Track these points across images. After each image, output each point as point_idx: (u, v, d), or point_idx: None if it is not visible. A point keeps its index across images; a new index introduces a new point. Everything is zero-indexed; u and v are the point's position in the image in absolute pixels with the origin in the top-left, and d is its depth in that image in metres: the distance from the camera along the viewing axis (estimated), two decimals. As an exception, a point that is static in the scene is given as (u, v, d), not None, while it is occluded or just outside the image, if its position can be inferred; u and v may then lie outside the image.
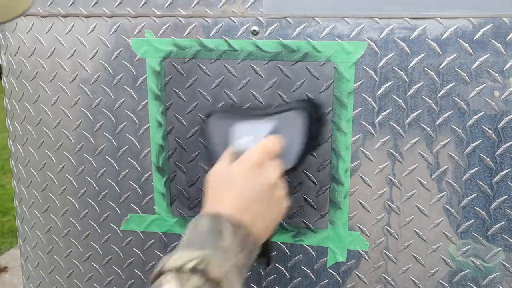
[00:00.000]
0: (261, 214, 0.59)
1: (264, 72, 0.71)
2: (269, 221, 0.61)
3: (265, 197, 0.60)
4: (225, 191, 0.60)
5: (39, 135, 0.86)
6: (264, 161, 0.61)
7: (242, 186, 0.59)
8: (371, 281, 0.74)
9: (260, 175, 0.60)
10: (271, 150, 0.63)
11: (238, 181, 0.60)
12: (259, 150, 0.62)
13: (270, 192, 0.60)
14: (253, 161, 0.60)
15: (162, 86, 0.76)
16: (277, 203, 0.62)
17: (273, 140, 0.64)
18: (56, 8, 0.79)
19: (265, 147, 0.62)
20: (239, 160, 0.61)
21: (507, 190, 0.67)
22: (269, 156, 0.62)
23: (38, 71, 0.83)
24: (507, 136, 0.66)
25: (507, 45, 0.63)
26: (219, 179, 0.62)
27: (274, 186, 0.61)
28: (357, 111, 0.69)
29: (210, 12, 0.72)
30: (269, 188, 0.60)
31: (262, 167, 0.60)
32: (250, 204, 0.59)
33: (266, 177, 0.60)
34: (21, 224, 0.94)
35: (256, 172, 0.60)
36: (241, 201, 0.59)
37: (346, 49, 0.68)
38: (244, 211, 0.58)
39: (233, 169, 0.61)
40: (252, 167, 0.60)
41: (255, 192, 0.59)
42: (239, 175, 0.60)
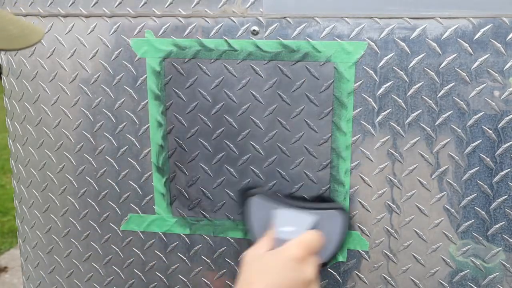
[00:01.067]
0: None
1: (264, 72, 0.71)
2: None
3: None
4: (261, 276, 0.59)
5: (39, 135, 0.86)
6: (306, 257, 0.61)
7: (279, 277, 0.59)
8: (371, 281, 0.74)
9: (300, 270, 0.60)
10: (313, 245, 0.63)
11: (276, 270, 0.60)
12: (301, 245, 0.62)
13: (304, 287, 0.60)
14: (295, 255, 0.60)
15: (162, 86, 0.76)
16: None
17: (316, 236, 0.64)
18: (56, 8, 0.79)
19: (308, 242, 0.63)
20: (281, 250, 0.61)
21: (507, 190, 0.67)
22: (310, 251, 0.62)
23: (38, 71, 0.83)
24: (507, 136, 0.66)
25: (507, 45, 0.63)
26: (255, 263, 0.62)
27: (309, 283, 0.61)
28: (357, 111, 0.69)
29: (210, 12, 0.72)
30: (304, 284, 0.60)
31: (302, 262, 0.60)
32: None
33: (305, 273, 0.60)
34: (21, 224, 0.94)
35: (296, 266, 0.60)
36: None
37: (346, 49, 0.68)
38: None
39: (272, 257, 0.61)
40: (293, 260, 0.60)
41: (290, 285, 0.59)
42: (277, 265, 0.60)
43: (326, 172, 0.72)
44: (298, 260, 0.60)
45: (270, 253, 0.62)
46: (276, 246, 0.63)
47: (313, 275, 0.61)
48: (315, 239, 0.64)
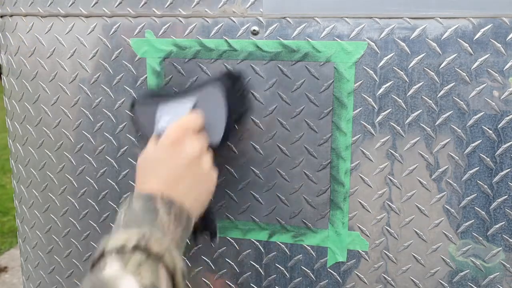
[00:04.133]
0: (189, 189, 0.62)
1: (264, 72, 0.71)
2: (199, 194, 0.63)
3: (190, 172, 0.62)
4: (152, 171, 0.62)
5: (39, 135, 0.86)
6: (182, 137, 0.63)
7: (166, 165, 0.62)
8: (371, 281, 0.74)
9: (180, 150, 0.62)
10: (188, 125, 0.64)
11: (162, 160, 0.62)
12: (175, 128, 0.63)
13: (194, 167, 0.62)
14: (171, 139, 0.63)
15: (162, 86, 0.76)
16: (203, 175, 0.64)
17: (191, 116, 0.65)
18: (56, 8, 0.79)
19: (182, 123, 0.64)
20: (160, 141, 0.63)
21: (507, 190, 0.67)
22: (187, 131, 0.63)
23: (38, 71, 0.83)
24: (507, 136, 0.66)
25: (507, 45, 0.63)
26: (146, 162, 0.64)
27: (197, 160, 0.63)
28: (357, 111, 0.69)
29: (210, 12, 0.72)
30: (192, 162, 0.62)
31: (181, 143, 0.62)
32: (177, 180, 0.61)
33: (187, 153, 0.62)
34: (21, 224, 0.94)
35: (176, 149, 0.62)
36: (168, 179, 0.61)
37: (346, 49, 0.68)
38: (172, 188, 0.60)
39: (156, 150, 0.63)
40: (172, 145, 0.62)
41: (179, 168, 0.61)
42: (161, 155, 0.62)
43: (326, 172, 0.72)
44: (176, 143, 0.62)
45: (154, 148, 0.64)
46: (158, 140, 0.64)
47: (199, 152, 0.63)
48: (190, 118, 0.65)
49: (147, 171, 0.63)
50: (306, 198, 0.74)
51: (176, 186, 0.61)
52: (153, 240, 0.54)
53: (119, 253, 0.52)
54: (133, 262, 0.51)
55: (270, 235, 0.76)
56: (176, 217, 0.58)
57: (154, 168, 0.62)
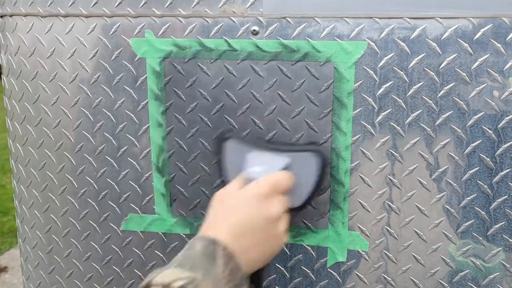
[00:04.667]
0: (255, 245, 0.59)
1: (264, 72, 0.71)
2: (262, 254, 0.61)
3: (263, 229, 0.60)
4: (226, 215, 0.60)
5: (39, 135, 0.86)
6: (271, 194, 0.61)
7: (242, 213, 0.59)
8: (371, 281, 0.74)
9: (264, 207, 0.60)
10: (280, 184, 0.63)
11: (240, 207, 0.60)
12: (268, 182, 0.62)
13: (269, 226, 0.60)
14: (259, 192, 0.60)
15: (162, 86, 0.76)
16: (275, 237, 0.61)
17: (285, 176, 0.64)
18: (56, 8, 0.79)
19: (275, 180, 0.62)
20: (246, 187, 0.62)
21: (507, 190, 0.67)
22: (277, 190, 0.62)
23: (38, 71, 0.83)
24: (507, 136, 0.66)
25: (507, 45, 0.63)
26: (222, 202, 0.62)
27: (275, 221, 0.61)
28: (357, 111, 0.69)
29: (210, 12, 0.72)
30: (270, 221, 0.60)
31: (266, 199, 0.60)
32: (247, 234, 0.58)
33: (269, 210, 0.60)
34: (21, 224, 0.94)
35: (260, 203, 0.60)
36: (238, 228, 0.58)
37: (346, 49, 0.68)
38: (238, 238, 0.57)
39: (238, 194, 0.61)
40: (258, 197, 0.60)
41: (253, 221, 0.59)
42: (242, 202, 0.60)
43: (326, 172, 0.72)
44: (262, 197, 0.60)
45: (236, 192, 0.62)
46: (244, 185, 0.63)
47: (279, 213, 0.61)
48: (283, 178, 0.63)
49: (222, 212, 0.61)
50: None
51: (244, 240, 0.58)
52: (201, 287, 0.52)
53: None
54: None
55: None
56: (231, 272, 0.56)
57: (230, 212, 0.60)
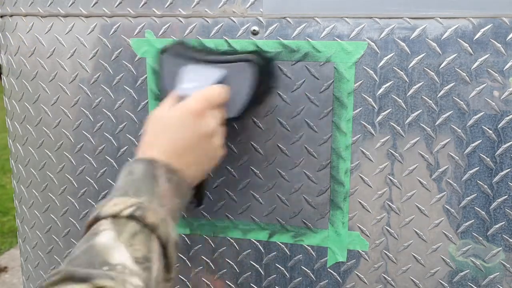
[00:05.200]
0: (194, 161, 0.61)
1: (264, 72, 0.71)
2: (202, 168, 0.63)
3: (200, 146, 0.61)
4: (161, 135, 0.61)
5: (39, 135, 0.86)
6: (204, 110, 0.61)
7: (178, 132, 0.60)
8: (371, 281, 0.74)
9: (198, 123, 0.61)
10: (213, 99, 0.63)
11: (175, 126, 0.61)
12: (200, 98, 0.62)
13: (205, 141, 0.61)
14: (192, 109, 0.61)
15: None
16: (211, 151, 0.63)
17: (217, 90, 0.64)
18: (56, 8, 0.79)
19: (207, 95, 0.62)
20: (179, 105, 0.62)
21: (507, 190, 0.67)
22: (210, 104, 0.62)
23: (38, 71, 0.83)
24: (507, 136, 0.66)
25: (507, 45, 0.63)
26: (157, 123, 0.62)
27: (210, 135, 0.62)
28: (357, 111, 0.69)
29: (210, 12, 0.72)
30: (205, 137, 0.61)
31: (200, 116, 0.61)
32: (185, 151, 0.60)
33: (203, 126, 0.61)
34: (21, 224, 0.94)
35: (193, 120, 0.61)
36: (176, 147, 0.60)
37: (346, 49, 0.68)
38: (178, 157, 0.59)
39: (171, 113, 0.61)
40: (191, 114, 0.61)
41: (190, 140, 0.60)
42: (176, 121, 0.61)
43: (326, 172, 0.72)
44: (195, 114, 0.61)
45: (170, 110, 0.62)
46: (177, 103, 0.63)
47: (214, 127, 0.62)
48: (217, 92, 0.64)
49: (157, 133, 0.61)
50: (306, 198, 0.74)
51: (183, 156, 0.60)
52: (149, 210, 0.53)
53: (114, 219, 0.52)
54: (127, 232, 0.51)
55: (270, 235, 0.76)
56: (175, 186, 0.58)
57: (165, 133, 0.61)
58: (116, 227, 0.51)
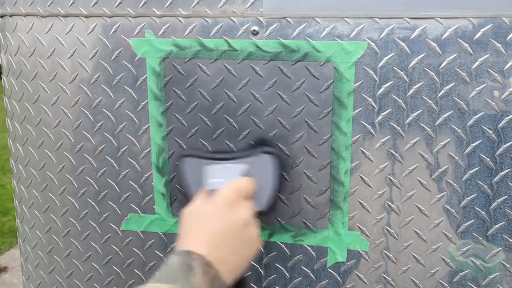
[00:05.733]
0: (232, 252, 0.60)
1: (264, 72, 0.71)
2: (240, 259, 0.61)
3: (236, 235, 0.61)
4: (197, 228, 0.61)
5: (39, 135, 0.86)
6: (236, 199, 0.62)
7: (214, 224, 0.60)
8: (371, 281, 0.74)
9: (232, 213, 0.61)
10: (243, 189, 0.64)
11: (210, 218, 0.61)
12: (231, 189, 0.63)
13: (241, 230, 0.61)
14: (225, 200, 0.62)
15: (162, 86, 0.76)
16: (248, 241, 0.62)
17: (245, 181, 0.66)
18: (56, 8, 0.79)
19: (237, 186, 0.64)
20: (211, 199, 0.63)
21: (507, 190, 0.67)
22: (241, 195, 0.63)
23: (38, 71, 0.83)
24: (507, 136, 0.66)
25: (507, 45, 0.63)
26: (192, 217, 0.63)
27: (246, 224, 0.62)
28: (357, 111, 0.69)
29: (210, 12, 0.72)
30: (241, 226, 0.61)
31: (233, 206, 0.62)
32: (221, 242, 0.59)
33: (237, 215, 0.61)
34: (21, 224, 0.94)
35: (228, 210, 0.61)
36: (212, 238, 0.59)
37: (346, 49, 0.68)
38: (214, 249, 0.58)
39: (205, 207, 0.62)
40: (224, 205, 0.61)
41: (226, 230, 0.60)
42: (211, 213, 0.61)
43: (326, 172, 0.72)
44: (230, 203, 0.62)
45: (203, 204, 0.63)
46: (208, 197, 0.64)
47: (249, 217, 0.62)
48: (245, 183, 0.65)
49: (193, 226, 0.61)
50: (306, 198, 0.74)
51: (219, 248, 0.59)
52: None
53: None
54: None
55: (270, 235, 0.76)
56: (210, 280, 0.56)
57: (201, 225, 0.61)
58: None
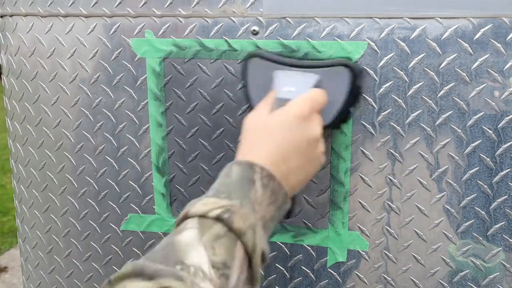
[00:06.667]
0: (296, 168, 0.57)
1: (264, 72, 0.71)
2: (303, 176, 0.59)
3: (305, 152, 0.57)
4: (263, 139, 0.57)
5: (39, 135, 0.86)
6: (310, 113, 0.58)
7: (283, 137, 0.57)
8: (371, 281, 0.74)
9: (305, 127, 0.58)
10: (318, 103, 0.60)
11: (279, 130, 0.57)
12: (306, 101, 0.59)
13: (311, 147, 0.58)
14: (299, 112, 0.58)
15: (162, 86, 0.76)
16: (315, 158, 0.59)
17: (320, 93, 0.61)
18: (56, 8, 0.79)
19: (313, 99, 0.60)
20: (283, 109, 0.59)
21: (507, 190, 0.67)
22: (316, 109, 0.60)
23: (38, 71, 0.83)
24: (507, 136, 0.66)
25: (507, 45, 0.63)
26: (257, 127, 0.59)
27: (316, 141, 0.59)
28: (357, 111, 0.69)
29: (210, 12, 0.72)
30: (312, 142, 0.58)
31: (307, 120, 0.58)
32: (288, 156, 0.56)
33: (309, 130, 0.58)
34: (21, 224, 0.94)
35: (301, 124, 0.57)
36: (279, 152, 0.56)
37: (346, 49, 0.68)
38: (280, 163, 0.55)
39: (274, 117, 0.58)
40: (298, 118, 0.58)
41: (295, 145, 0.57)
42: (281, 125, 0.57)
43: (326, 172, 0.72)
44: (303, 118, 0.58)
45: (271, 114, 0.59)
46: (277, 107, 0.60)
47: (319, 133, 0.59)
48: (320, 96, 0.61)
49: (258, 137, 0.57)
50: (306, 198, 0.74)
51: (287, 161, 0.56)
52: (238, 214, 0.49)
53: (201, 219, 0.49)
54: (211, 234, 0.48)
55: (270, 235, 0.76)
56: (272, 193, 0.53)
57: (267, 136, 0.57)
58: (200, 227, 0.48)
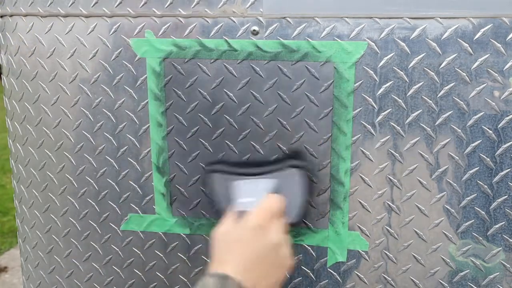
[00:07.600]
0: (266, 273, 0.62)
1: (264, 72, 0.71)
2: (274, 279, 0.63)
3: (268, 258, 0.62)
4: (231, 251, 0.62)
5: (39, 135, 0.86)
6: (267, 222, 0.63)
7: (248, 248, 0.62)
8: (371, 281, 0.74)
9: (264, 236, 0.62)
10: (274, 210, 0.65)
11: (243, 242, 0.62)
12: (261, 212, 0.64)
13: (273, 253, 0.62)
14: (256, 223, 0.63)
15: (162, 86, 0.76)
16: (281, 263, 0.64)
17: (274, 200, 0.66)
18: (56, 8, 0.79)
19: (267, 208, 0.65)
20: (243, 222, 0.64)
21: (507, 190, 0.67)
22: (271, 216, 0.64)
23: (38, 71, 0.83)
24: (507, 136, 0.66)
25: (507, 45, 0.63)
26: (225, 239, 0.64)
27: (277, 246, 0.63)
28: (357, 111, 0.69)
29: (210, 12, 0.72)
30: (273, 248, 0.62)
31: (265, 229, 0.63)
32: (255, 266, 0.61)
33: (269, 239, 0.62)
34: (21, 224, 0.94)
35: (259, 235, 0.62)
36: (246, 263, 0.61)
37: (346, 49, 0.68)
38: (249, 272, 0.60)
39: (237, 230, 0.63)
40: (255, 229, 0.62)
41: (258, 254, 0.61)
42: (244, 236, 0.62)
43: (326, 172, 0.72)
44: (260, 228, 0.62)
45: (235, 227, 0.64)
46: (240, 218, 0.65)
47: (280, 237, 0.63)
48: (274, 202, 0.66)
49: (226, 249, 0.63)
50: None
51: (253, 271, 0.60)
52: None
53: None
54: None
55: None
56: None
57: (234, 248, 0.62)
58: None
